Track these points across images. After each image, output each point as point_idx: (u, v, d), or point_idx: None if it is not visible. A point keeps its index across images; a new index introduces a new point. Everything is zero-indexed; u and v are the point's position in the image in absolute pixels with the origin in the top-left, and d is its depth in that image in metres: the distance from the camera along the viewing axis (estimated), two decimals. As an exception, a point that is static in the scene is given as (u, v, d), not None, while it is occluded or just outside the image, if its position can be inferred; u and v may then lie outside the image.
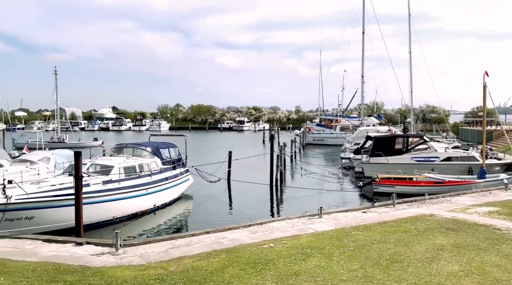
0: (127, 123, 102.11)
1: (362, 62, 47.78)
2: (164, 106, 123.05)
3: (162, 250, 9.57)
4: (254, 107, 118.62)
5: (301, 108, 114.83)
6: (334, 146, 49.68)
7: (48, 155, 19.77)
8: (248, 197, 20.64)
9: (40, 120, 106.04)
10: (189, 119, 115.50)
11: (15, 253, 9.27)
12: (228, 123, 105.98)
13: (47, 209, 13.13)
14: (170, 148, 19.57)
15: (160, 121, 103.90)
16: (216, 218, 16.62)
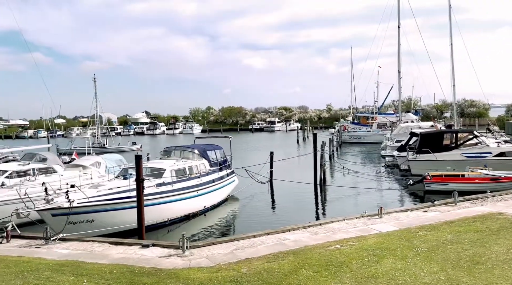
0: (160, 127, 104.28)
1: (399, 56, 46.46)
2: (195, 109, 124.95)
3: (227, 252, 9.55)
4: (284, 107, 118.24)
5: (332, 106, 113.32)
6: (371, 144, 48.59)
7: (98, 159, 20.38)
8: (293, 197, 20.44)
9: (78, 126, 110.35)
10: (220, 121, 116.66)
11: (86, 256, 9.53)
12: (259, 124, 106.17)
13: (107, 212, 13.48)
14: (216, 150, 19.69)
15: (193, 124, 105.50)
16: (267, 219, 16.54)
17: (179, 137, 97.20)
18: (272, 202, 20.19)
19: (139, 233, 11.76)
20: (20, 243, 10.86)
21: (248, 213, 17.95)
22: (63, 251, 9.94)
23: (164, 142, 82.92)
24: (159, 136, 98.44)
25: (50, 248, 10.29)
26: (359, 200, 19.81)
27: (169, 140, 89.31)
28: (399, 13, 45.44)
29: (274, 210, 18.57)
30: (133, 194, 14.08)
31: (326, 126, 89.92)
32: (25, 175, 19.36)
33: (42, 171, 20.05)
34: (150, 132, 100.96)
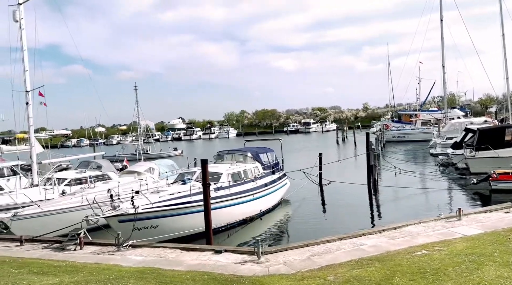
0: (197, 132, 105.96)
1: (442, 50, 44.48)
2: (230, 113, 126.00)
3: (303, 258, 9.17)
4: (319, 108, 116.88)
5: (369, 105, 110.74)
6: (416, 142, 46.82)
7: (152, 165, 20.67)
8: (347, 199, 19.81)
9: (118, 134, 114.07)
10: (255, 124, 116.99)
11: (162, 262, 9.45)
12: (293, 125, 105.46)
13: (170, 217, 13.49)
14: (268, 153, 19.43)
15: (228, 128, 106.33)
16: (326, 222, 16.06)
17: (215, 142, 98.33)
18: (326, 204, 19.63)
19: (207, 238, 11.63)
20: (93, 249, 10.99)
21: (304, 217, 17.49)
22: (137, 258, 9.93)
23: (201, 147, 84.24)
24: (196, 141, 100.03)
25: (123, 254, 10.32)
26: (419, 201, 18.89)
27: (206, 144, 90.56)
28: (441, 5, 43.59)
29: (330, 213, 18.01)
30: (194, 199, 14.14)
31: (364, 125, 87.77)
32: (82, 183, 19.95)
33: (97, 178, 20.56)
34: (187, 138, 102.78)
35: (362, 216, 16.71)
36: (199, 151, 69.64)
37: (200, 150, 73.41)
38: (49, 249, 11.32)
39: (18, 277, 7.36)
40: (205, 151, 66.23)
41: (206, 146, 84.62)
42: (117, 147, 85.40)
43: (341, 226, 15.10)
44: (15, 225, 13.99)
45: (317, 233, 14.18)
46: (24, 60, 19.00)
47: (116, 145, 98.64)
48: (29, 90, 19.11)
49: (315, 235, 13.74)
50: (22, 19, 18.74)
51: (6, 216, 13.89)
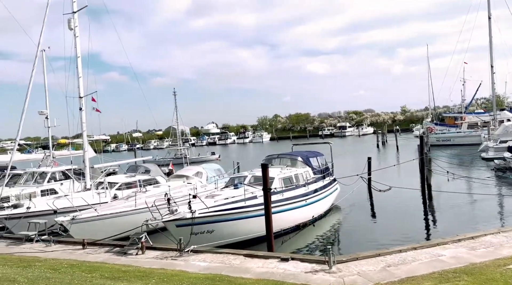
0: (231, 136, 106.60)
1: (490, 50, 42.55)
2: (263, 118, 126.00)
3: (378, 268, 8.62)
4: (354, 111, 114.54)
5: (407, 107, 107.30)
6: (463, 146, 44.63)
7: (199, 169, 20.68)
8: (400, 205, 18.89)
9: (155, 139, 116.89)
10: (288, 128, 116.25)
11: (228, 269, 9.20)
12: (328, 129, 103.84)
13: (226, 222, 13.28)
14: (318, 157, 18.92)
15: (262, 132, 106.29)
16: (383, 230, 15.29)
17: (249, 146, 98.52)
18: (379, 211, 18.78)
19: (269, 244, 11.31)
20: (154, 254, 10.92)
21: (358, 224, 16.81)
22: (201, 264, 9.74)
23: (235, 151, 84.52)
24: (230, 146, 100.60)
25: (186, 260, 10.17)
26: (479, 208, 17.78)
27: (240, 149, 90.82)
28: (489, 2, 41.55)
29: (384, 220, 17.18)
30: (249, 204, 13.89)
31: (403, 129, 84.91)
32: (132, 187, 20.23)
33: (146, 182, 20.79)
34: (222, 142, 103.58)
35: (419, 223, 15.87)
36: (234, 155, 69.85)
37: (235, 154, 73.62)
38: (111, 253, 11.37)
39: (94, 282, 7.31)
40: (240, 156, 66.38)
41: (240, 151, 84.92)
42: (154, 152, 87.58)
43: (400, 233, 14.35)
44: (74, 228, 14.26)
45: (376, 241, 13.55)
46: (78, 66, 19.58)
47: (153, 150, 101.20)
48: (82, 95, 19.65)
49: (375, 243, 13.16)
50: (76, 27, 19.34)
51: (65, 219, 14.18)
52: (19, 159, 24.47)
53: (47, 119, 25.39)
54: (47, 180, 20.97)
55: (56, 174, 21.97)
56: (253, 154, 72.49)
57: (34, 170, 21.75)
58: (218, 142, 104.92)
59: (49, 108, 26.02)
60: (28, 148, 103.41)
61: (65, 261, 10.20)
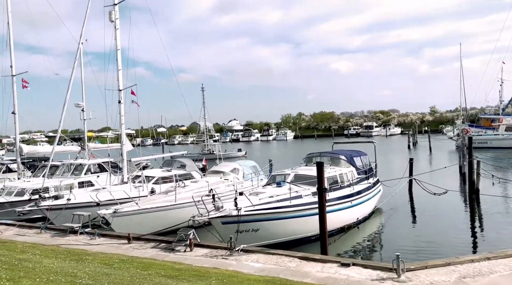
0: (255, 134, 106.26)
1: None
2: (287, 116, 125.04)
3: (452, 279, 7.93)
4: (381, 111, 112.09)
5: (437, 108, 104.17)
6: (502, 149, 42.72)
7: (236, 166, 20.29)
8: (444, 208, 17.88)
9: (179, 135, 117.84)
10: (312, 127, 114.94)
11: (285, 272, 8.70)
12: (354, 128, 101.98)
13: (272, 221, 12.80)
14: (361, 156, 18.16)
15: (286, 130, 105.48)
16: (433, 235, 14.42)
17: (273, 144, 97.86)
18: (425, 214, 17.83)
19: (322, 247, 10.77)
20: (203, 252, 10.56)
21: (404, 227, 16.02)
22: (255, 265, 9.28)
23: (259, 149, 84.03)
24: (254, 143, 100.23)
25: (238, 260, 9.73)
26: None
27: (264, 146, 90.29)
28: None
29: (432, 224, 16.22)
30: (294, 203, 13.36)
31: (432, 130, 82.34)
32: (168, 181, 20.04)
33: (182, 177, 20.56)
34: (245, 139, 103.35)
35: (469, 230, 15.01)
36: (258, 153, 69.51)
37: (259, 152, 73.23)
38: (158, 249, 11.08)
39: (155, 281, 6.95)
40: (264, 153, 65.90)
41: (264, 148, 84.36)
42: (178, 147, 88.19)
43: (452, 239, 13.58)
44: (115, 221, 14.10)
45: (428, 247, 12.80)
46: (117, 59, 19.49)
47: (177, 145, 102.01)
48: (121, 88, 19.56)
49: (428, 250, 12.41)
50: (117, 19, 19.23)
51: (107, 212, 14.03)
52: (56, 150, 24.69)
53: (83, 111, 25.54)
54: (84, 172, 21.05)
55: (91, 166, 22.05)
56: (277, 152, 71.96)
57: (71, 162, 21.89)
58: (241, 139, 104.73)
59: (85, 101, 26.22)
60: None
61: (115, 256, 9.94)
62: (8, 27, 22.30)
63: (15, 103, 22.72)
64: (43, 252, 9.95)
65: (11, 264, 7.56)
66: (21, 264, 7.69)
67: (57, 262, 8.37)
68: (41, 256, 9.21)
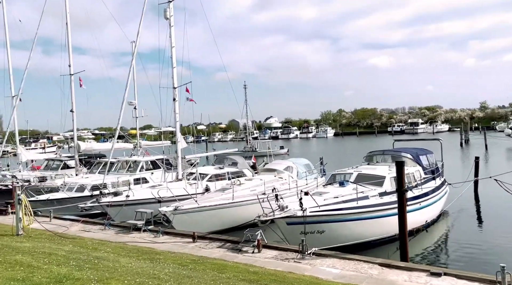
0: (294, 131, 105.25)
1: None
2: (327, 112, 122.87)
3: None
4: (427, 107, 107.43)
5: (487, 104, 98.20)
6: None
7: (290, 164, 19.78)
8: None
9: (219, 132, 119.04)
10: (353, 124, 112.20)
11: (369, 280, 8.07)
12: (399, 125, 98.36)
13: (338, 223, 12.19)
14: (427, 155, 17.05)
15: (326, 127, 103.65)
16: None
17: (313, 141, 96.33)
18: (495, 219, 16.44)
19: (403, 253, 10.00)
20: (272, 254, 10.12)
21: (476, 232, 14.82)
22: (333, 271, 8.71)
23: (298, 146, 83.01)
24: (293, 140, 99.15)
25: (312, 264, 9.20)
26: None
27: (303, 144, 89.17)
28: None
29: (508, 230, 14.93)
30: (361, 204, 12.66)
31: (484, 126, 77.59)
32: (221, 179, 19.88)
33: (234, 175, 20.35)
34: (284, 136, 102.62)
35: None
36: (297, 150, 68.58)
37: (299, 149, 72.30)
38: (224, 249, 10.77)
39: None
40: (305, 151, 64.96)
41: (304, 146, 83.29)
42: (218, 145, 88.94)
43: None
44: (176, 219, 14.03)
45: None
46: (172, 57, 19.52)
47: (217, 142, 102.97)
48: (176, 86, 19.58)
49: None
50: (171, 16, 19.24)
51: (168, 210, 13.99)
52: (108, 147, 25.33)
53: (135, 109, 26.00)
54: (139, 169, 21.36)
55: (144, 163, 22.34)
56: (317, 149, 70.82)
57: (127, 159, 22.30)
58: (280, 136, 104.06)
59: (136, 99, 26.70)
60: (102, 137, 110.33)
61: (184, 256, 9.74)
62: (67, 27, 23.04)
63: (73, 101, 23.48)
64: (114, 250, 9.92)
65: (92, 263, 7.48)
66: (101, 263, 7.59)
67: (133, 261, 8.23)
68: (114, 254, 9.16)
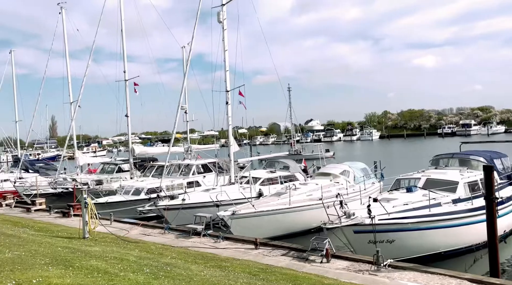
0: (337, 133, 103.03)
1: None
2: (371, 114, 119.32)
3: None
4: (480, 108, 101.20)
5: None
6: None
7: (346, 168, 18.98)
8: None
9: (260, 135, 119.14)
10: (400, 126, 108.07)
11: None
12: (449, 127, 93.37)
13: (409, 232, 11.33)
14: (502, 158, 15.66)
15: (371, 129, 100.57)
16: None
17: (357, 144, 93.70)
18: None
19: (493, 268, 9.04)
20: (343, 264, 9.51)
21: None
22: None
23: (342, 149, 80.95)
24: (336, 143, 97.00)
25: (391, 278, 8.50)
26: None
27: (347, 147, 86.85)
28: None
29: None
30: (434, 212, 11.73)
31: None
32: (273, 183, 19.46)
33: (287, 179, 19.87)
34: (327, 139, 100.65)
35: None
36: (342, 153, 66.81)
37: (343, 152, 70.45)
38: (289, 257, 10.30)
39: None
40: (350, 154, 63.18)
41: (348, 149, 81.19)
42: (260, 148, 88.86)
43: None
44: (234, 224, 13.77)
45: None
46: (225, 60, 19.44)
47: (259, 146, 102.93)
48: (229, 89, 19.46)
49: None
50: (225, 19, 19.18)
51: (226, 214, 13.76)
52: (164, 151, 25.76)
53: (186, 113, 26.28)
54: (192, 172, 21.45)
55: (194, 167, 22.42)
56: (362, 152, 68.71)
57: (179, 162, 22.50)
58: (323, 139, 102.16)
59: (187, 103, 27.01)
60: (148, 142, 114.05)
61: (251, 264, 9.38)
62: (122, 34, 23.73)
63: (127, 106, 24.11)
64: (179, 255, 9.77)
65: (164, 270, 7.28)
66: (173, 270, 7.39)
67: (203, 269, 7.98)
68: (181, 260, 8.98)
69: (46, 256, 7.55)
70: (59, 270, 6.42)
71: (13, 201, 20.69)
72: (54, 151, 76.32)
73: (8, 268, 6.17)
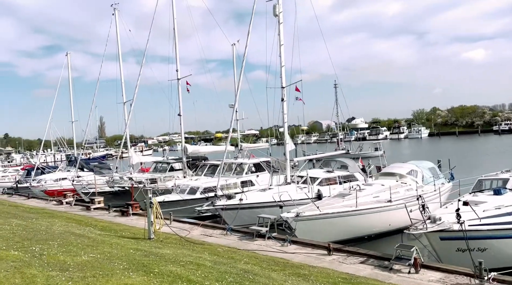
0: (383, 131, 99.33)
1: None
2: (419, 111, 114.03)
3: None
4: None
5: None
6: None
7: (413, 167, 17.60)
8: None
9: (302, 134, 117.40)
10: (450, 123, 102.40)
11: None
12: (507, 124, 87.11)
13: (505, 239, 10.05)
14: None
15: (420, 127, 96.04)
16: None
17: (404, 142, 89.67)
18: None
19: None
20: (435, 276, 8.45)
21: None
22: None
23: (389, 147, 77.54)
24: (382, 142, 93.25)
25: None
26: None
27: (394, 145, 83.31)
28: None
29: None
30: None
31: None
32: (332, 183, 18.48)
33: (345, 179, 18.83)
34: (373, 138, 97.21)
35: None
36: (390, 152, 63.91)
37: (391, 151, 67.46)
38: (370, 265, 9.36)
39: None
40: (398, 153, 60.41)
41: (396, 147, 77.87)
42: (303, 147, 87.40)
43: None
44: (298, 226, 13.00)
45: None
46: (281, 55, 18.73)
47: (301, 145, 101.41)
48: (285, 86, 18.72)
49: None
50: (281, 12, 18.47)
51: (289, 216, 13.03)
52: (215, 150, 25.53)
53: (236, 112, 25.85)
54: (245, 171, 20.95)
55: (246, 166, 21.88)
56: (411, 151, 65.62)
57: (232, 161, 22.08)
58: (368, 137, 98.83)
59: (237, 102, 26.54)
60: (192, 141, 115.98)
61: (330, 272, 8.57)
62: (174, 33, 23.70)
63: (180, 105, 24.04)
64: (250, 260, 9.17)
65: (247, 279, 6.66)
66: (256, 279, 6.75)
67: (286, 278, 7.29)
68: (257, 266, 8.35)
69: (122, 259, 7.18)
70: (140, 276, 5.97)
71: (73, 199, 21.20)
72: (103, 150, 79.33)
73: (90, 274, 5.80)
